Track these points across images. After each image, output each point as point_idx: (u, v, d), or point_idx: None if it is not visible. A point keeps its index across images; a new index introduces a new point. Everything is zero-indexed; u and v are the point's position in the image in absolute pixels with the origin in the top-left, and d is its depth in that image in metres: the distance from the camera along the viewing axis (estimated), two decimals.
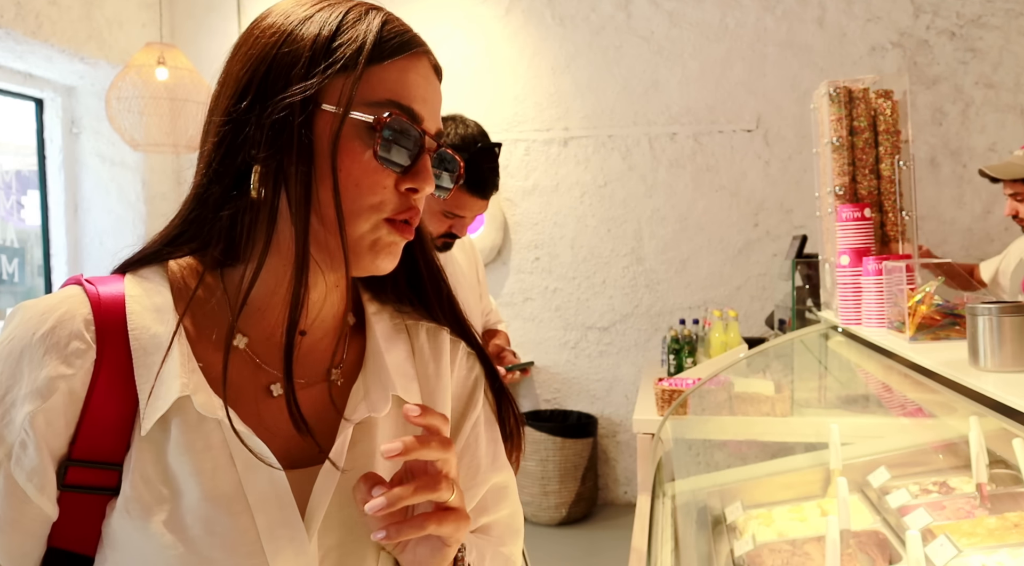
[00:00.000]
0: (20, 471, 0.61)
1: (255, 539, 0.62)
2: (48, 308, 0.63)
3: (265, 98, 0.62)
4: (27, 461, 0.61)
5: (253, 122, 0.62)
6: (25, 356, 0.61)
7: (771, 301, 4.09)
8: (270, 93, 0.62)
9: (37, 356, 0.61)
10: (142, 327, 0.63)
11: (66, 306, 0.63)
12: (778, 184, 4.25)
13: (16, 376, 0.61)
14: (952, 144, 4.07)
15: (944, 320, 1.50)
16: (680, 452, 2.03)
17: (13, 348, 0.62)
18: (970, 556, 1.13)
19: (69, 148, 4.70)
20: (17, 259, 4.90)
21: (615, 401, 4.41)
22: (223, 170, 0.64)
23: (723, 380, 2.28)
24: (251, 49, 0.64)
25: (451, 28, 4.49)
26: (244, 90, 0.63)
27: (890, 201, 1.90)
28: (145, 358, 0.63)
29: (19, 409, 0.60)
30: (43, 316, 0.62)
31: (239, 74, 0.64)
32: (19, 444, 0.61)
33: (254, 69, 0.63)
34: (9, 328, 0.63)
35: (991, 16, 4.03)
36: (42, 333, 0.62)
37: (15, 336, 0.62)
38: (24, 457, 0.61)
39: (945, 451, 1.53)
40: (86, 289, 0.64)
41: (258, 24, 0.66)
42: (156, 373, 0.62)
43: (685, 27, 4.30)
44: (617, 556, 1.61)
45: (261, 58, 0.63)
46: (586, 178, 4.43)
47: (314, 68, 0.62)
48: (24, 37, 3.84)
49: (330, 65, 0.62)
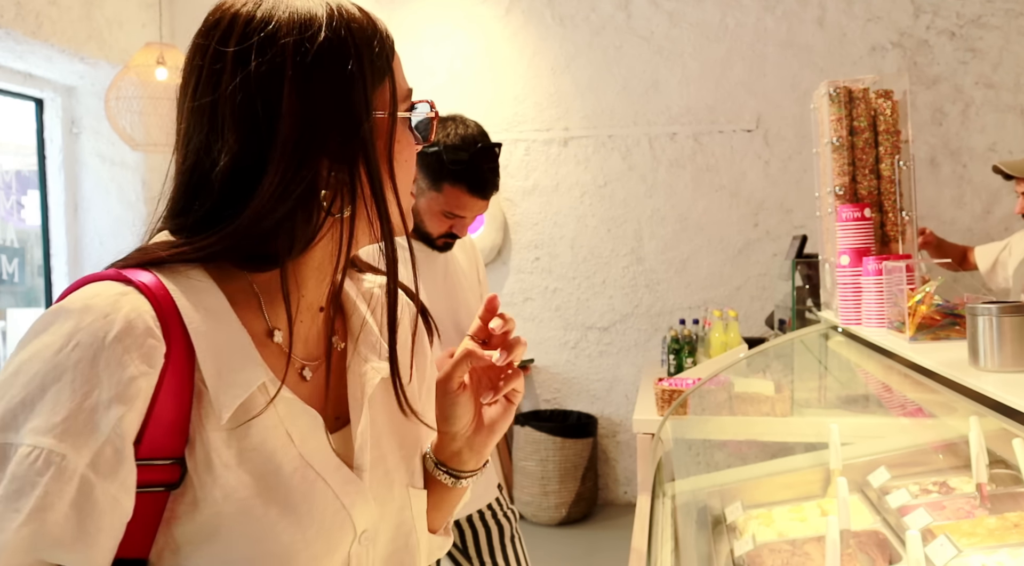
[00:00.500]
0: (109, 481, 0.59)
1: (335, 499, 0.68)
2: (108, 309, 0.61)
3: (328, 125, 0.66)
4: (119, 467, 0.60)
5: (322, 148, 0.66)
6: (101, 359, 0.59)
7: (771, 301, 4.09)
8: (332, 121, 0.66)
9: (115, 357, 0.59)
10: (199, 320, 0.64)
11: (128, 304, 0.61)
12: (778, 184, 4.25)
13: (93, 380, 0.59)
14: (952, 144, 4.07)
15: (944, 320, 1.50)
16: (680, 452, 2.03)
17: (81, 353, 0.59)
18: (970, 556, 1.13)
19: (69, 148, 4.70)
20: (17, 259, 4.90)
21: (615, 401, 4.41)
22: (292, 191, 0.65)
23: (723, 380, 2.28)
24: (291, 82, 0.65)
25: (451, 28, 4.49)
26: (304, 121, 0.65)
27: (890, 201, 1.90)
28: (209, 351, 0.64)
29: (105, 414, 0.59)
30: (107, 318, 0.60)
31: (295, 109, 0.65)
32: (110, 450, 0.59)
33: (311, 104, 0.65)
34: (64, 331, 0.60)
35: (991, 16, 4.03)
36: (115, 334, 0.60)
37: (79, 341, 0.59)
38: (116, 463, 0.59)
39: (945, 451, 1.53)
40: (139, 286, 0.63)
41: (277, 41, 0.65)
42: (226, 365, 0.64)
43: (685, 27, 4.30)
44: (617, 556, 1.61)
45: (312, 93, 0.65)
46: (586, 178, 4.43)
47: (364, 89, 0.67)
48: (24, 37, 3.84)
49: (374, 81, 0.68)
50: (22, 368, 0.59)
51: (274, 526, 0.64)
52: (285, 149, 0.64)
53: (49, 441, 0.57)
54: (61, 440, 0.57)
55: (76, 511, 0.58)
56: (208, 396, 0.63)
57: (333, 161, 0.66)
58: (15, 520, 0.56)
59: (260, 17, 0.65)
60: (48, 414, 0.57)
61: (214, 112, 0.65)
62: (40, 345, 0.60)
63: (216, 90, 0.65)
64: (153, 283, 0.63)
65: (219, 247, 0.65)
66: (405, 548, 0.77)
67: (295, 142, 0.64)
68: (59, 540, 0.57)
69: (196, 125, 0.66)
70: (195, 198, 0.67)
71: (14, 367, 0.60)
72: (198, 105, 0.66)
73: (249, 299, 0.69)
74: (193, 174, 0.67)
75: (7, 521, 0.56)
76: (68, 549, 0.58)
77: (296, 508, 0.66)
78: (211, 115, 0.65)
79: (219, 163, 0.65)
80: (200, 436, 0.63)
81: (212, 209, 0.66)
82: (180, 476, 0.63)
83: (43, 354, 0.59)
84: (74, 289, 0.63)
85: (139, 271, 0.65)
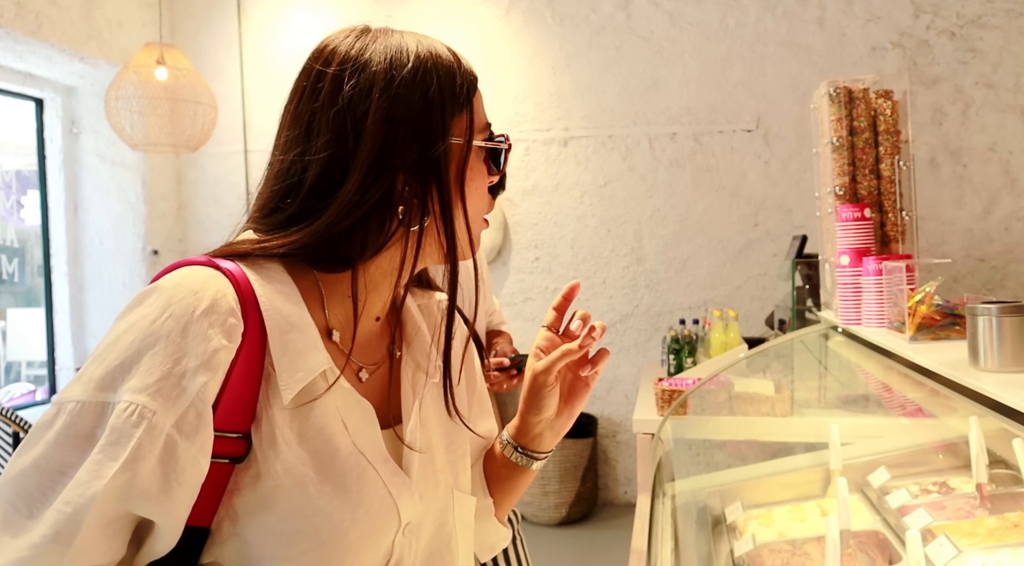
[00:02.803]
0: (191, 441, 0.65)
1: (383, 487, 0.74)
2: (198, 287, 0.68)
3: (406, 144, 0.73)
4: (200, 429, 0.66)
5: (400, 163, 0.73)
6: (190, 330, 0.66)
7: (771, 301, 4.09)
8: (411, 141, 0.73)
9: (202, 330, 0.66)
10: (274, 308, 0.70)
11: (215, 285, 0.68)
12: (778, 184, 4.25)
13: (183, 349, 0.65)
14: (952, 144, 4.07)
15: (944, 320, 1.50)
16: (680, 452, 2.03)
17: (173, 324, 0.66)
18: (970, 556, 1.13)
19: (69, 148, 4.70)
20: (17, 259, 4.90)
21: (615, 401, 4.41)
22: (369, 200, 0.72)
23: (723, 380, 2.28)
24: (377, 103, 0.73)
25: (451, 28, 4.49)
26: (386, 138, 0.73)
27: (890, 201, 1.90)
28: (280, 336, 0.70)
29: (192, 380, 0.65)
30: (197, 295, 0.67)
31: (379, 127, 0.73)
32: (193, 413, 0.65)
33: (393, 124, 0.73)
34: (158, 305, 0.67)
35: (991, 16, 4.03)
36: (203, 309, 0.67)
37: (172, 313, 0.66)
38: (198, 426, 0.66)
39: (945, 451, 1.53)
40: (225, 272, 0.70)
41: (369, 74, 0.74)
42: (293, 349, 0.70)
43: (685, 27, 4.30)
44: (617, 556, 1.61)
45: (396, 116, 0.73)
46: (586, 178, 4.43)
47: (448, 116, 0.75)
48: (24, 37, 3.84)
49: (453, 110, 0.76)
50: (120, 337, 0.66)
51: (327, 503, 0.70)
52: (366, 160, 0.72)
53: (143, 398, 0.64)
54: (153, 399, 0.64)
55: (162, 466, 0.64)
56: (275, 378, 0.69)
57: (408, 176, 0.73)
58: (112, 468, 0.63)
59: (359, 47, 0.75)
60: (143, 376, 0.64)
61: (311, 122, 0.74)
62: (137, 317, 0.67)
63: (314, 103, 0.74)
64: (237, 271, 0.71)
65: (298, 244, 0.72)
66: (446, 548, 0.81)
67: (375, 154, 0.72)
68: (146, 491, 0.64)
69: (294, 132, 0.75)
70: (286, 198, 0.75)
71: (113, 337, 0.67)
72: (298, 114, 0.75)
73: (314, 297, 0.75)
74: (288, 175, 0.75)
75: (105, 468, 0.63)
76: (153, 501, 0.64)
77: (348, 489, 0.71)
78: (308, 124, 0.74)
79: (310, 168, 0.73)
80: (266, 414, 0.69)
81: (298, 210, 0.73)
82: (245, 451, 0.69)
83: (140, 324, 0.66)
84: (168, 271, 0.70)
85: (225, 260, 0.72)
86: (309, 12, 4.71)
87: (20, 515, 0.64)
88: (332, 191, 0.72)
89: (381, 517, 0.73)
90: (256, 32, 4.80)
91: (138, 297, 0.68)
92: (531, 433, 0.89)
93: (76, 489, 0.63)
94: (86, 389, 0.65)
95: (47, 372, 4.68)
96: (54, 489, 0.63)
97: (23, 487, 0.64)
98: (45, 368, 4.70)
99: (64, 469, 0.64)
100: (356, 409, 0.74)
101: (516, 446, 0.91)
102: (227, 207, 4.87)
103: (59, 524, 0.62)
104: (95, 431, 0.64)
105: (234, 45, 4.82)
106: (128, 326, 0.67)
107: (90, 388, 0.65)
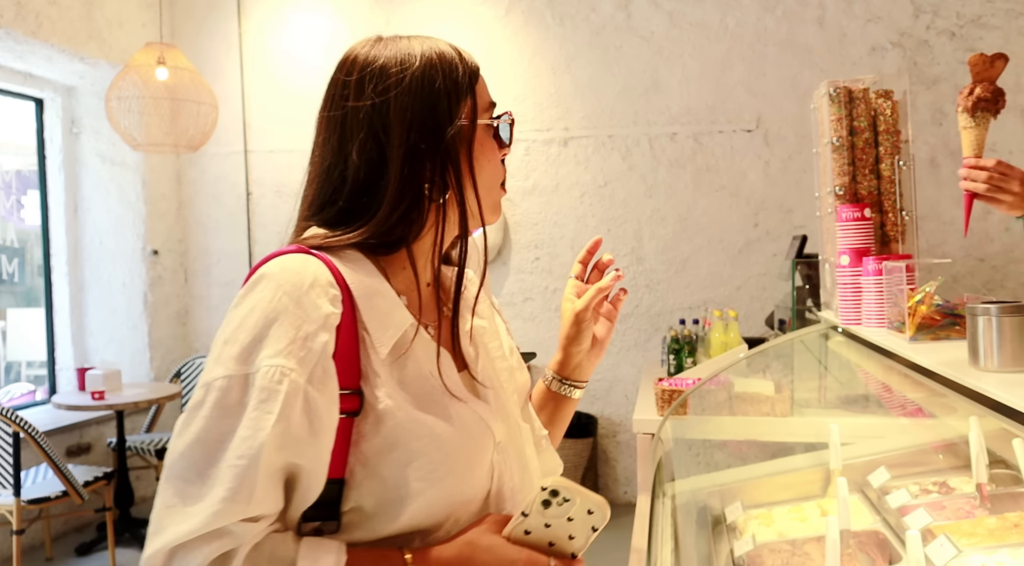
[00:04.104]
0: (322, 392, 0.76)
1: (475, 413, 0.86)
2: (299, 268, 0.79)
3: (432, 129, 0.85)
4: (327, 382, 0.77)
5: (424, 148, 0.84)
6: (303, 301, 0.77)
7: (771, 301, 4.09)
8: (437, 125, 0.85)
9: (312, 300, 0.77)
10: (358, 280, 0.82)
11: (312, 265, 0.80)
12: (778, 184, 4.25)
13: (301, 317, 0.76)
14: (952, 144, 4.07)
15: (944, 320, 1.50)
16: (680, 452, 2.03)
17: (288, 300, 0.77)
18: (970, 556, 1.13)
19: (69, 148, 4.70)
20: (17, 259, 4.90)
21: (615, 401, 4.41)
22: (409, 184, 0.84)
23: (723, 380, 2.28)
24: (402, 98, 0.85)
25: (451, 28, 4.49)
26: (408, 128, 0.84)
27: (890, 201, 1.90)
28: (368, 301, 0.82)
29: (314, 340, 0.76)
30: (300, 274, 0.78)
31: (401, 119, 0.84)
32: (320, 369, 0.76)
33: (411, 115, 0.85)
34: (269, 288, 0.78)
35: (991, 16, 4.03)
36: (309, 283, 0.78)
37: (285, 291, 0.77)
38: (325, 378, 0.77)
39: (945, 451, 1.53)
40: (316, 255, 0.82)
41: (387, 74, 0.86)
42: (381, 312, 0.82)
43: (685, 27, 4.30)
44: (617, 556, 1.61)
45: (417, 105, 0.85)
46: (586, 178, 4.43)
47: (454, 102, 0.86)
48: (24, 37, 3.84)
49: (458, 97, 0.87)
50: (245, 319, 0.77)
51: (439, 433, 0.81)
52: (398, 150, 0.84)
53: (280, 361, 0.74)
54: (288, 360, 0.75)
55: (306, 415, 0.75)
56: (370, 339, 0.81)
57: (432, 161, 0.85)
58: (270, 420, 0.73)
59: (373, 55, 0.87)
60: (274, 344, 0.75)
61: (344, 125, 0.85)
62: (254, 300, 0.77)
63: (343, 109, 0.86)
64: (322, 255, 0.82)
65: (365, 235, 0.84)
66: (526, 468, 0.93)
67: (404, 144, 0.84)
68: (299, 438, 0.75)
69: (331, 136, 0.86)
70: (334, 194, 0.86)
71: (237, 321, 0.77)
72: (331, 120, 0.87)
73: (380, 272, 0.86)
74: (331, 174, 0.86)
75: (264, 421, 0.73)
76: (304, 444, 0.75)
77: (450, 419, 0.83)
78: (341, 128, 0.86)
79: (350, 165, 0.85)
80: (370, 369, 0.80)
81: (348, 203, 0.85)
82: (359, 405, 0.79)
83: (259, 306, 0.77)
84: (264, 263, 0.81)
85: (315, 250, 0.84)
86: (309, 12, 4.71)
87: (193, 485, 0.72)
88: (375, 181, 0.84)
89: (479, 437, 0.85)
90: (256, 32, 4.80)
91: (248, 286, 0.79)
92: (572, 364, 1.07)
93: (243, 444, 0.72)
94: (228, 366, 0.75)
95: (47, 372, 4.68)
96: (219, 456, 0.72)
97: (191, 461, 0.73)
98: (45, 368, 4.70)
99: (224, 437, 0.73)
100: (440, 357, 0.86)
101: (560, 379, 1.08)
102: (227, 207, 4.87)
103: (236, 478, 0.72)
104: (244, 399, 0.74)
105: (234, 45, 4.82)
106: (249, 309, 0.77)
107: (231, 365, 0.75)
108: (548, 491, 0.79)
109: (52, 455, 3.33)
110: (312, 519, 0.79)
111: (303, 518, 0.79)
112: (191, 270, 4.96)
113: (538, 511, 0.80)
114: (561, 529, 0.81)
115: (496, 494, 0.87)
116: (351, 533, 0.80)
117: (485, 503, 0.86)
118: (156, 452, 4.08)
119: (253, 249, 4.85)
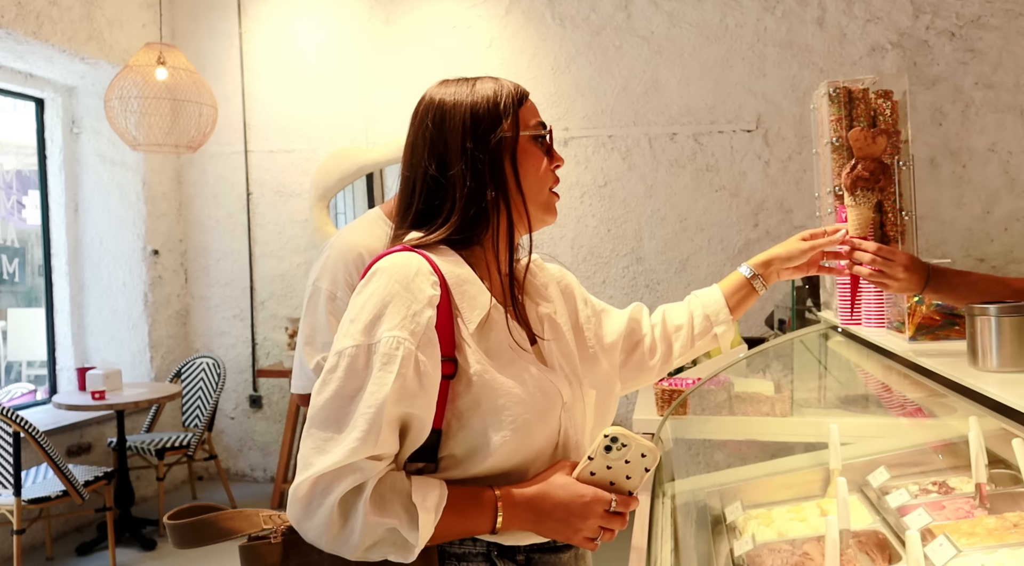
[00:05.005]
0: (428, 357, 0.95)
1: (545, 376, 1.03)
2: (406, 261, 0.99)
3: (477, 142, 1.05)
4: (432, 348, 0.95)
5: (481, 158, 1.04)
6: (411, 286, 0.97)
7: (771, 301, 4.09)
8: (481, 139, 1.05)
9: (418, 285, 0.97)
10: (451, 271, 1.02)
11: (416, 260, 1.00)
12: (778, 184, 4.25)
13: (410, 298, 0.96)
14: (952, 144, 4.07)
15: (943, 320, 1.50)
16: (680, 452, 2.03)
17: (399, 286, 0.96)
18: (969, 556, 1.13)
19: (69, 148, 4.70)
20: (17, 259, 4.90)
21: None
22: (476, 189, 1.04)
23: (723, 380, 2.28)
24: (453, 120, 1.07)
25: (451, 28, 4.49)
26: (463, 138, 1.05)
27: (890, 201, 1.90)
28: (459, 287, 1.01)
29: (421, 314, 0.96)
30: (407, 266, 0.98)
31: (457, 136, 1.05)
32: (426, 338, 0.95)
33: (464, 130, 1.05)
34: (384, 278, 0.97)
35: (991, 16, 4.04)
36: (414, 272, 0.98)
37: (396, 279, 0.97)
38: (430, 345, 0.95)
39: (945, 451, 1.53)
40: (418, 252, 1.02)
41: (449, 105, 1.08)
42: (469, 294, 1.01)
43: (685, 27, 4.31)
44: (617, 556, 1.61)
45: (465, 125, 1.06)
46: (586, 178, 4.43)
47: (491, 123, 1.06)
48: (25, 37, 3.84)
49: (498, 117, 1.07)
50: (366, 303, 0.97)
51: (517, 393, 0.99)
52: (457, 160, 1.04)
53: (396, 332, 0.94)
54: (402, 331, 0.94)
55: (417, 374, 0.94)
56: (461, 317, 1.00)
57: (488, 171, 1.04)
58: (391, 378, 0.92)
59: (440, 95, 1.09)
60: (391, 320, 0.95)
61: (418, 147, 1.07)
62: (372, 288, 0.98)
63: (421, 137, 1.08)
64: (422, 251, 1.02)
65: (447, 232, 1.04)
66: (584, 429, 1.11)
67: (461, 155, 1.04)
68: (413, 392, 0.93)
69: (413, 157, 1.08)
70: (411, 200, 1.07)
71: (359, 305, 0.97)
72: (414, 145, 1.08)
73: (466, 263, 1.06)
74: (411, 185, 1.07)
75: (387, 378, 0.92)
76: (418, 397, 0.94)
77: (526, 381, 1.00)
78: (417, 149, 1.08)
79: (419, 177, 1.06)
80: (462, 341, 0.99)
81: (424, 206, 1.06)
82: (454, 370, 0.98)
83: (377, 292, 0.97)
84: (377, 260, 1.01)
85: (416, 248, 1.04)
86: (309, 12, 4.71)
87: (331, 431, 0.92)
88: (443, 189, 1.04)
89: (550, 396, 1.02)
90: (256, 32, 4.80)
91: (366, 279, 1.00)
92: (770, 269, 1.39)
93: (372, 397, 0.92)
94: (355, 338, 0.95)
95: (47, 372, 4.68)
96: (351, 408, 0.92)
97: (330, 412, 0.93)
98: (45, 368, 4.70)
99: (356, 392, 0.93)
100: (514, 332, 1.04)
101: (757, 275, 1.38)
102: (227, 207, 4.87)
103: (367, 423, 0.90)
104: (369, 363, 0.93)
105: (234, 45, 4.82)
106: (368, 295, 0.97)
107: (358, 337, 0.95)
108: (609, 438, 0.95)
109: (52, 455, 3.34)
110: (416, 461, 0.98)
111: (408, 461, 0.98)
112: (191, 270, 4.96)
113: (601, 455, 0.96)
114: (620, 470, 0.97)
115: (563, 446, 1.04)
116: (446, 474, 0.99)
117: (554, 453, 1.03)
118: (156, 452, 4.08)
119: (253, 249, 4.85)
